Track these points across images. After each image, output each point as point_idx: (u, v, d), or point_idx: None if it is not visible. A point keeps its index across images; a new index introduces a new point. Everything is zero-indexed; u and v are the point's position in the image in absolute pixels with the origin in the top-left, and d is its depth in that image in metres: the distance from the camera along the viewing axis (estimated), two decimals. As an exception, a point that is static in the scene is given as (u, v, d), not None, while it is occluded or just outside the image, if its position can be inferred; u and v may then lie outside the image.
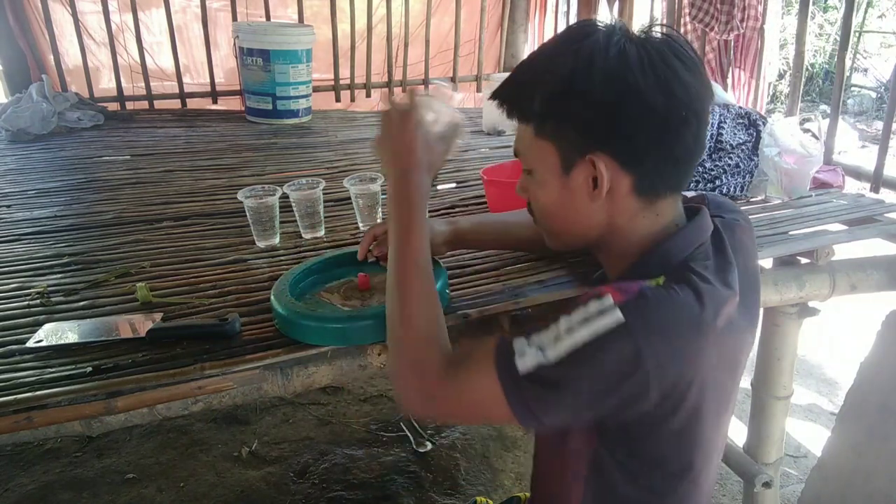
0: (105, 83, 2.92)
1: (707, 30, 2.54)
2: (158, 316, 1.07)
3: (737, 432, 1.70)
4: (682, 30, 2.73)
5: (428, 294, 0.85)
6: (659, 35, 0.77)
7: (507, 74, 0.85)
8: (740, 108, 1.70)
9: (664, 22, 2.79)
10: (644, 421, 0.75)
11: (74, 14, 2.72)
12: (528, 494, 1.19)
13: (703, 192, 0.99)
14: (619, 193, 0.79)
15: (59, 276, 1.26)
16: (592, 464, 0.83)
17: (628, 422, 0.75)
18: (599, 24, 0.78)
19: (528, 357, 0.71)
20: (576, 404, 0.71)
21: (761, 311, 1.49)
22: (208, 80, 2.93)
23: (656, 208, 0.81)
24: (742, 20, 2.48)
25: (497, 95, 0.84)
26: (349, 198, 1.47)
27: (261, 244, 1.38)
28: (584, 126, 0.77)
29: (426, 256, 0.88)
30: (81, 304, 1.15)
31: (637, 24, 0.84)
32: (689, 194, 0.93)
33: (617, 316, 0.68)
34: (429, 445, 2.19)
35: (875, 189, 1.76)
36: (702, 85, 0.77)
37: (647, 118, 0.75)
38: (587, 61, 0.74)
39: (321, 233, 1.44)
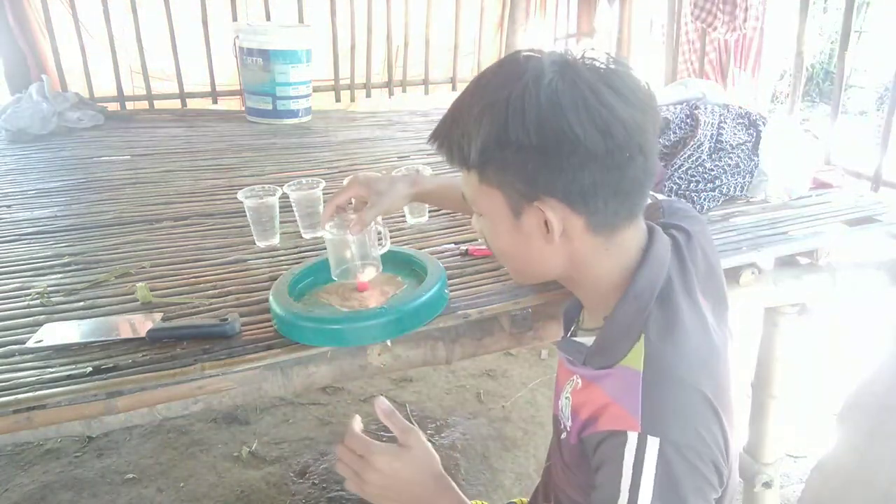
0: (105, 83, 2.92)
1: (710, 30, 2.54)
2: (158, 316, 1.07)
3: (737, 432, 1.71)
4: (683, 29, 2.73)
5: None
6: (596, 64, 0.72)
7: None
8: (740, 108, 1.70)
9: (663, 23, 2.79)
10: None
11: (74, 14, 2.72)
12: (525, 500, 1.19)
13: (657, 199, 0.96)
14: (575, 234, 0.77)
15: (59, 276, 1.26)
16: None
17: None
18: (532, 56, 0.73)
19: None
20: None
21: (762, 310, 1.51)
22: (208, 80, 2.93)
23: (616, 239, 0.79)
24: (744, 20, 2.48)
25: (435, 140, 0.80)
26: (349, 198, 1.47)
27: (261, 244, 1.38)
28: (526, 174, 0.74)
29: None
30: (81, 304, 1.15)
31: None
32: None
33: (653, 443, 0.68)
34: (429, 445, 2.19)
35: (875, 189, 1.76)
36: (644, 115, 0.73)
37: (589, 161, 0.71)
38: (519, 110, 0.70)
39: (321, 233, 1.44)
